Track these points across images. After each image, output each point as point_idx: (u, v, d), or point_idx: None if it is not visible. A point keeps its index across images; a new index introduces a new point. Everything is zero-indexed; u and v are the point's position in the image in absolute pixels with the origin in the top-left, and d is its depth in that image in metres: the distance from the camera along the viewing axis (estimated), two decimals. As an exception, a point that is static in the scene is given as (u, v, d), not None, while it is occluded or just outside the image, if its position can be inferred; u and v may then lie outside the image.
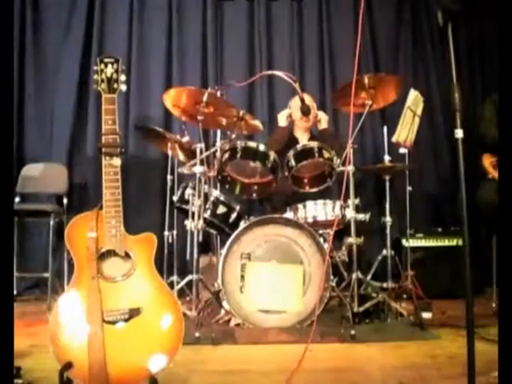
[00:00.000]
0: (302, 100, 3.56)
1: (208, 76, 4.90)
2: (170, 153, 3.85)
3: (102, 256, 2.09)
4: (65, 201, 4.58)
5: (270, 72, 3.80)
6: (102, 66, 2.25)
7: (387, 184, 3.83)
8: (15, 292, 4.52)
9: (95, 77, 2.24)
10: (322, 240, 3.38)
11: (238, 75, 4.60)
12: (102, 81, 2.23)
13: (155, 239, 2.19)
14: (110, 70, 2.24)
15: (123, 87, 2.25)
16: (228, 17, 5.02)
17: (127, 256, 2.11)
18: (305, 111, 3.65)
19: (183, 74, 4.89)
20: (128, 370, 2.01)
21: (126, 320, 2.04)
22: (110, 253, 2.10)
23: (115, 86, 2.23)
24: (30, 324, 3.58)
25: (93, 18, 4.92)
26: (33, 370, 2.35)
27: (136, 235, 2.16)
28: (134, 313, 2.06)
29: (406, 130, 3.63)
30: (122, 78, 2.25)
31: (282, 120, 4.12)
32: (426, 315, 3.57)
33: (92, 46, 4.88)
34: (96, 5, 4.92)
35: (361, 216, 3.50)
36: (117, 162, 2.16)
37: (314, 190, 3.52)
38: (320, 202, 3.55)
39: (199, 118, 3.32)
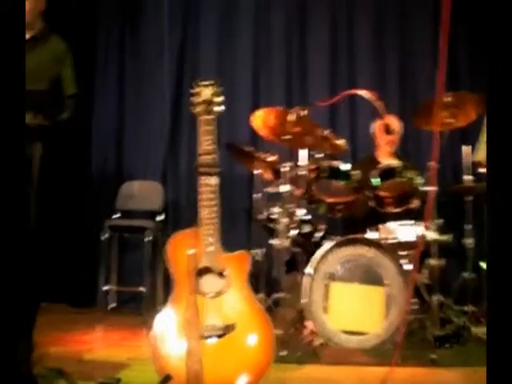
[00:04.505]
0: (384, 118, 3.56)
1: (292, 95, 4.95)
2: (257, 171, 3.90)
3: (200, 272, 2.15)
4: (160, 217, 4.71)
5: (353, 91, 3.81)
6: (199, 89, 2.31)
7: (468, 205, 3.74)
8: (114, 305, 4.68)
9: (192, 99, 2.31)
10: (403, 262, 3.34)
11: (320, 94, 4.63)
12: (199, 103, 2.29)
13: (249, 257, 2.24)
14: (206, 93, 2.31)
15: (219, 109, 2.31)
16: (311, 36, 5.06)
17: (222, 273, 2.16)
18: (387, 130, 3.65)
19: (269, 94, 4.97)
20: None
21: (221, 336, 2.09)
22: (207, 269, 2.16)
23: (211, 107, 2.29)
24: (126, 337, 3.72)
25: (186, 43, 5.10)
26: (131, 382, 2.43)
27: (231, 253, 2.21)
28: (228, 329, 2.10)
29: (485, 149, 3.56)
30: (219, 99, 2.31)
31: None
32: (507, 341, 3.45)
33: (184, 70, 5.06)
34: (188, 31, 5.11)
35: (443, 237, 3.44)
36: (214, 181, 2.23)
37: (397, 210, 3.49)
38: (402, 222, 3.52)
39: (286, 137, 3.37)
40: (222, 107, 2.30)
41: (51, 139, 2.51)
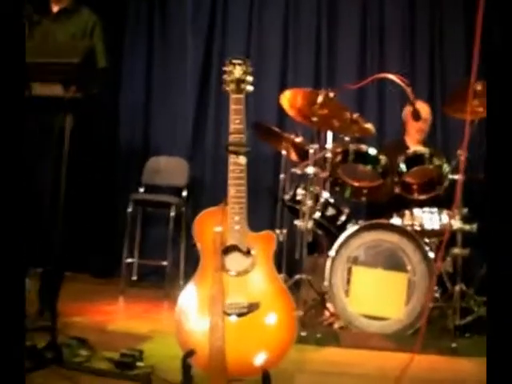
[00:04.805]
0: (413, 104, 3.52)
1: (321, 77, 4.91)
2: (284, 152, 3.90)
3: (226, 250, 2.16)
4: (184, 193, 4.72)
5: (382, 75, 3.75)
6: (231, 67, 2.30)
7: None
8: (135, 278, 4.74)
9: (224, 77, 2.30)
10: (427, 249, 3.33)
11: (349, 77, 4.61)
12: (231, 81, 2.28)
13: (275, 238, 2.24)
14: (238, 71, 2.29)
15: (250, 88, 2.30)
16: (341, 18, 5.01)
17: (248, 252, 2.17)
18: (415, 116, 3.61)
19: (297, 75, 4.93)
20: (244, 361, 2.07)
21: (245, 314, 2.10)
22: (233, 248, 2.17)
23: (243, 86, 2.28)
24: (148, 309, 3.77)
25: (214, 23, 5.06)
26: (153, 355, 2.45)
27: (257, 232, 2.22)
28: (252, 307, 2.11)
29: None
30: (249, 78, 2.29)
31: None
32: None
33: (213, 50, 5.04)
34: (217, 10, 5.07)
35: (468, 227, 3.41)
36: (242, 160, 2.23)
37: (423, 197, 3.48)
38: (427, 209, 3.52)
39: (313, 119, 3.35)
40: (251, 87, 2.29)
41: (82, 112, 2.53)
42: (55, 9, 3.13)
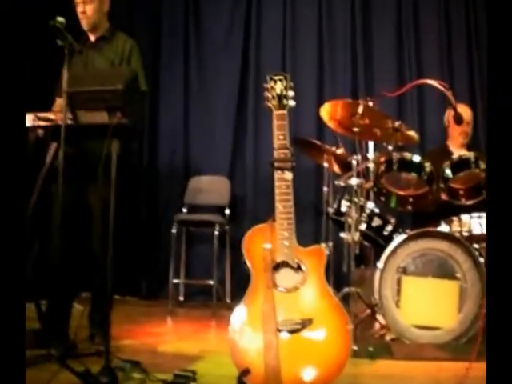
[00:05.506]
0: (455, 108, 3.47)
1: (358, 86, 4.89)
2: (326, 165, 3.89)
3: (276, 267, 2.16)
4: (227, 212, 4.73)
5: (422, 81, 3.72)
6: (272, 83, 2.33)
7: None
8: (182, 298, 4.76)
9: (265, 94, 2.33)
10: (477, 255, 3.25)
11: (387, 84, 4.55)
12: (273, 97, 2.31)
13: (325, 252, 2.23)
14: (279, 87, 2.32)
15: (292, 103, 2.32)
16: (376, 26, 4.99)
17: (299, 267, 2.16)
18: (457, 120, 3.55)
19: (334, 86, 4.93)
20: (299, 379, 2.06)
21: (298, 330, 2.09)
22: (283, 264, 2.16)
23: (285, 102, 2.31)
24: (197, 329, 3.80)
25: (249, 38, 5.10)
26: (206, 375, 2.44)
27: (306, 247, 2.21)
28: (305, 323, 2.10)
29: None
30: (291, 93, 2.32)
31: None
32: None
33: (249, 66, 5.07)
34: (252, 25, 5.10)
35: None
36: (288, 175, 2.23)
37: (470, 202, 3.41)
38: (475, 214, 3.44)
39: (355, 129, 3.33)
40: (293, 102, 2.31)
41: (128, 137, 2.57)
42: (92, 38, 3.19)
